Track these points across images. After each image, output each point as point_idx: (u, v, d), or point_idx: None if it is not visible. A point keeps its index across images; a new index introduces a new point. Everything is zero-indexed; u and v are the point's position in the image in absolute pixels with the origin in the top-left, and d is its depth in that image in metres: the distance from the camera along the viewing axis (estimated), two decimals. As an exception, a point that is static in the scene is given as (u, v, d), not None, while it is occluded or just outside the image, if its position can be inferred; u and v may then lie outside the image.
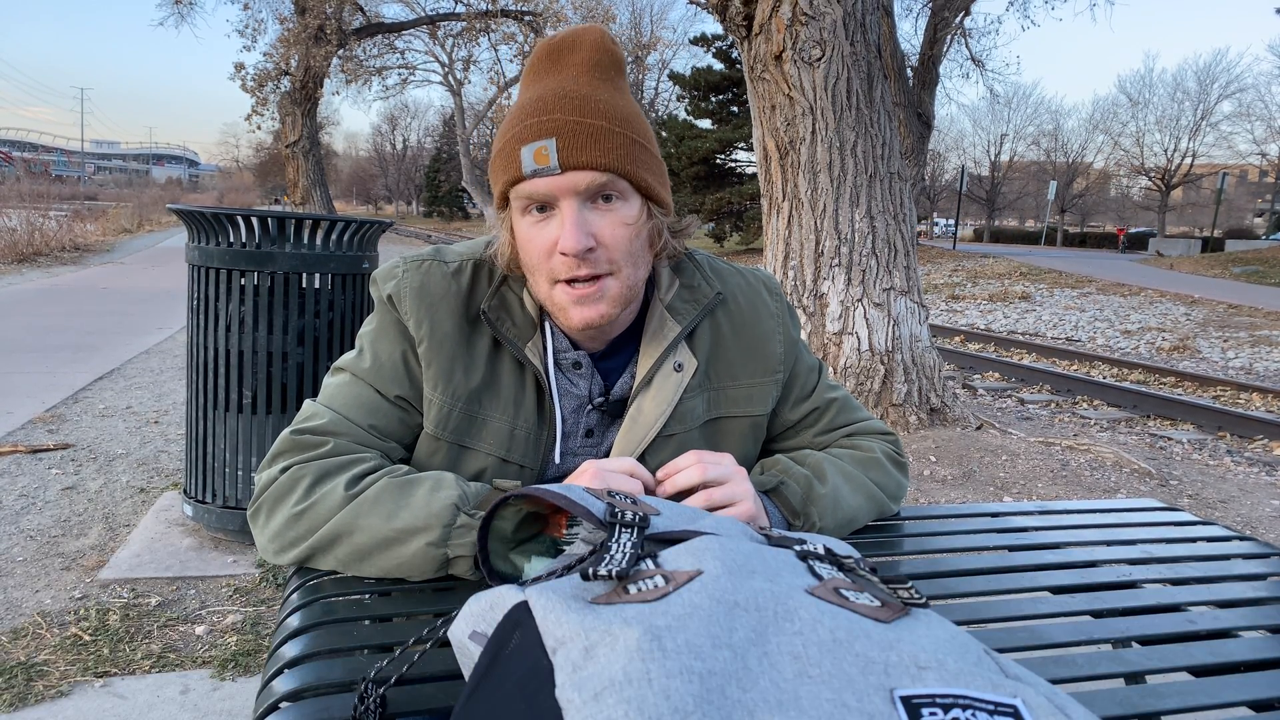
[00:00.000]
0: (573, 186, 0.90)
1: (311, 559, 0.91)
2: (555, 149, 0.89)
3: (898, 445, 1.18)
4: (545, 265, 0.93)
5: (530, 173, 0.90)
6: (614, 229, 0.92)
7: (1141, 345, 10.56)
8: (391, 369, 1.00)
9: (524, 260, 0.96)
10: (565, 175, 0.90)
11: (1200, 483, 4.51)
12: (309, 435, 0.96)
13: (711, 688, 0.44)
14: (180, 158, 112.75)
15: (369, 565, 0.89)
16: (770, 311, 1.13)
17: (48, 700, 2.03)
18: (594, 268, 0.92)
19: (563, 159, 0.89)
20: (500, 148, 0.94)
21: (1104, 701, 0.75)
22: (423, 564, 0.87)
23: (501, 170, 0.94)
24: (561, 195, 0.91)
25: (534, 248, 0.93)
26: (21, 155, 66.54)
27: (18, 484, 3.48)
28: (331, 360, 2.85)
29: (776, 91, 4.94)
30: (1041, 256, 26.19)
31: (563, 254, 0.91)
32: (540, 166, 0.89)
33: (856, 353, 4.90)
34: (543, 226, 0.93)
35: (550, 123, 0.90)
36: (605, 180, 0.91)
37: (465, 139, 38.28)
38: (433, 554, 0.86)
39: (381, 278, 1.03)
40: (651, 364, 1.03)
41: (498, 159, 0.94)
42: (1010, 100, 55.59)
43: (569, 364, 1.03)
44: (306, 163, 23.29)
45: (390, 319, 1.01)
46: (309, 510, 0.90)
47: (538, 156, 0.89)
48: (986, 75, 34.46)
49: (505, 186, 0.94)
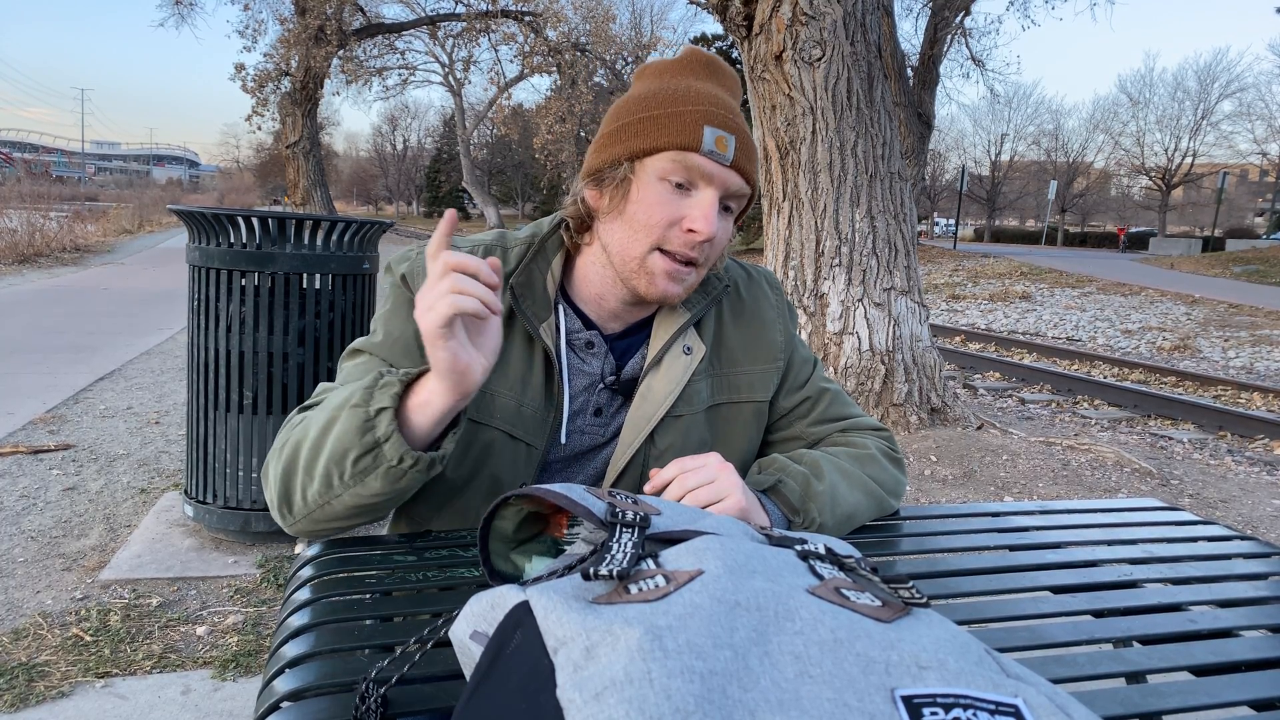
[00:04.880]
0: (727, 184, 0.99)
1: (289, 487, 0.92)
2: (734, 145, 0.99)
3: (892, 442, 1.20)
4: (660, 232, 0.99)
5: (708, 151, 0.97)
6: (724, 234, 1.03)
7: (1142, 345, 10.56)
8: (403, 344, 1.02)
9: (637, 216, 0.99)
10: (729, 171, 0.99)
11: (1201, 482, 4.51)
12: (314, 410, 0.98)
13: (713, 687, 0.44)
14: (181, 158, 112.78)
15: (320, 461, 0.88)
16: (771, 303, 1.18)
17: (49, 701, 2.03)
18: (699, 255, 1.00)
19: (737, 158, 0.99)
20: (672, 113, 0.98)
21: (1105, 701, 0.75)
22: (352, 429, 0.85)
23: (671, 133, 0.98)
24: (715, 184, 0.98)
25: (661, 212, 0.98)
26: (22, 156, 66.58)
27: (19, 484, 3.49)
28: (332, 360, 2.86)
29: (777, 91, 4.94)
30: (1042, 256, 26.19)
31: (691, 231, 0.98)
32: (718, 152, 0.97)
33: (857, 352, 4.89)
34: (676, 198, 0.99)
35: (734, 121, 1.00)
36: (746, 193, 1.02)
37: (465, 139, 38.30)
38: (358, 414, 0.85)
39: (395, 261, 1.07)
40: (662, 345, 1.07)
41: (667, 120, 0.98)
42: (1010, 100, 55.65)
43: (581, 344, 1.06)
44: (307, 163, 23.30)
45: (404, 298, 1.04)
46: (284, 445, 0.93)
47: (719, 143, 0.97)
48: (987, 75, 34.58)
49: (668, 147, 0.97)
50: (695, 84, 1.01)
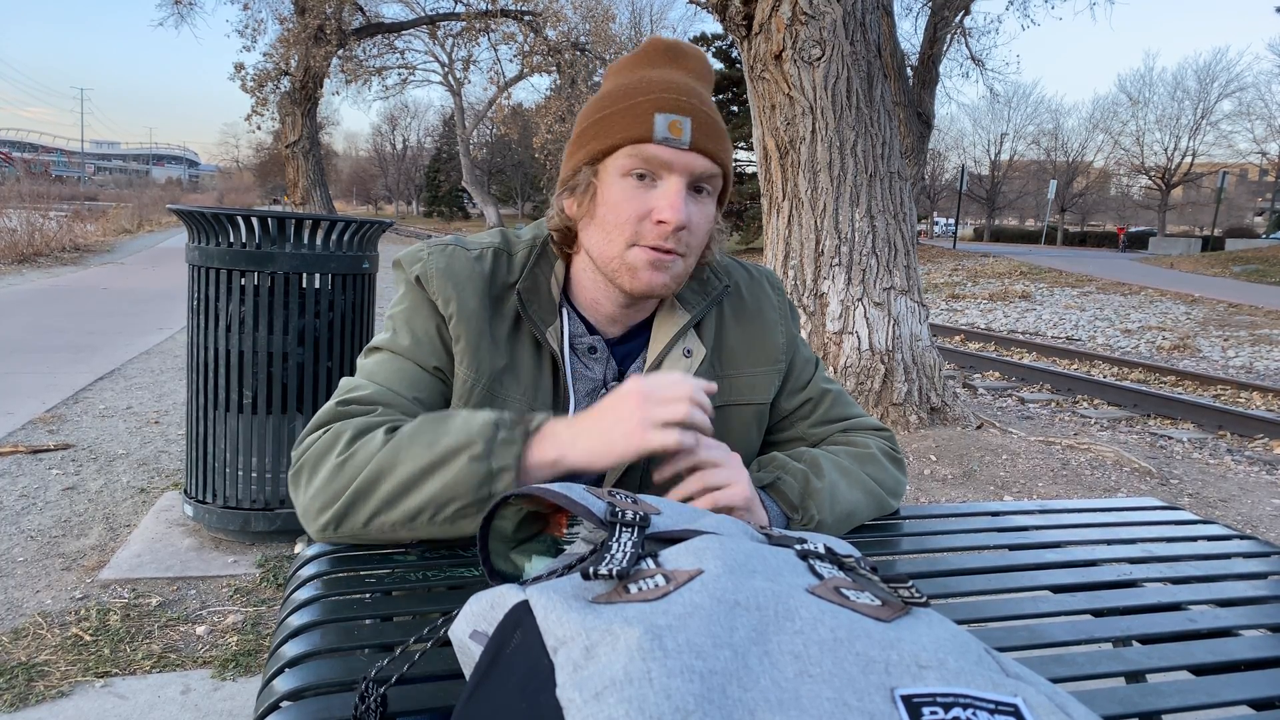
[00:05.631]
0: (690, 167, 0.97)
1: (353, 507, 0.89)
2: (690, 127, 0.96)
3: (893, 442, 1.19)
4: (632, 228, 0.97)
5: (661, 139, 0.95)
6: (701, 219, 1.00)
7: (1142, 344, 10.56)
8: (429, 342, 1.02)
9: (607, 217, 0.98)
10: (690, 154, 0.96)
11: (1200, 482, 4.51)
12: (355, 405, 0.97)
13: (712, 687, 0.44)
14: (180, 158, 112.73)
15: (412, 498, 0.88)
16: (773, 304, 1.17)
17: (48, 700, 2.03)
18: (676, 244, 0.98)
19: (695, 139, 0.96)
20: (625, 108, 0.97)
21: (1104, 700, 0.75)
22: (467, 481, 0.86)
23: (623, 128, 0.97)
24: (677, 170, 0.96)
25: (628, 208, 0.97)
26: (21, 155, 66.54)
27: (18, 484, 3.48)
28: (331, 360, 2.86)
29: (776, 91, 4.94)
30: (1041, 255, 26.19)
31: (661, 222, 0.96)
32: (673, 137, 0.95)
33: (857, 352, 4.90)
34: (640, 192, 0.97)
35: (688, 103, 0.97)
36: (715, 173, 0.99)
37: (465, 139, 38.29)
38: (478, 469, 0.86)
39: (407, 261, 1.06)
40: (661, 348, 1.07)
41: (618, 116, 0.97)
42: (1010, 99, 55.55)
43: (584, 348, 1.06)
44: (306, 163, 23.29)
45: (420, 297, 1.03)
46: (351, 458, 0.90)
47: (672, 128, 0.95)
48: (986, 74, 34.51)
49: (622, 142, 0.97)
50: (650, 74, 1.00)
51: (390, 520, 0.89)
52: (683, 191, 0.96)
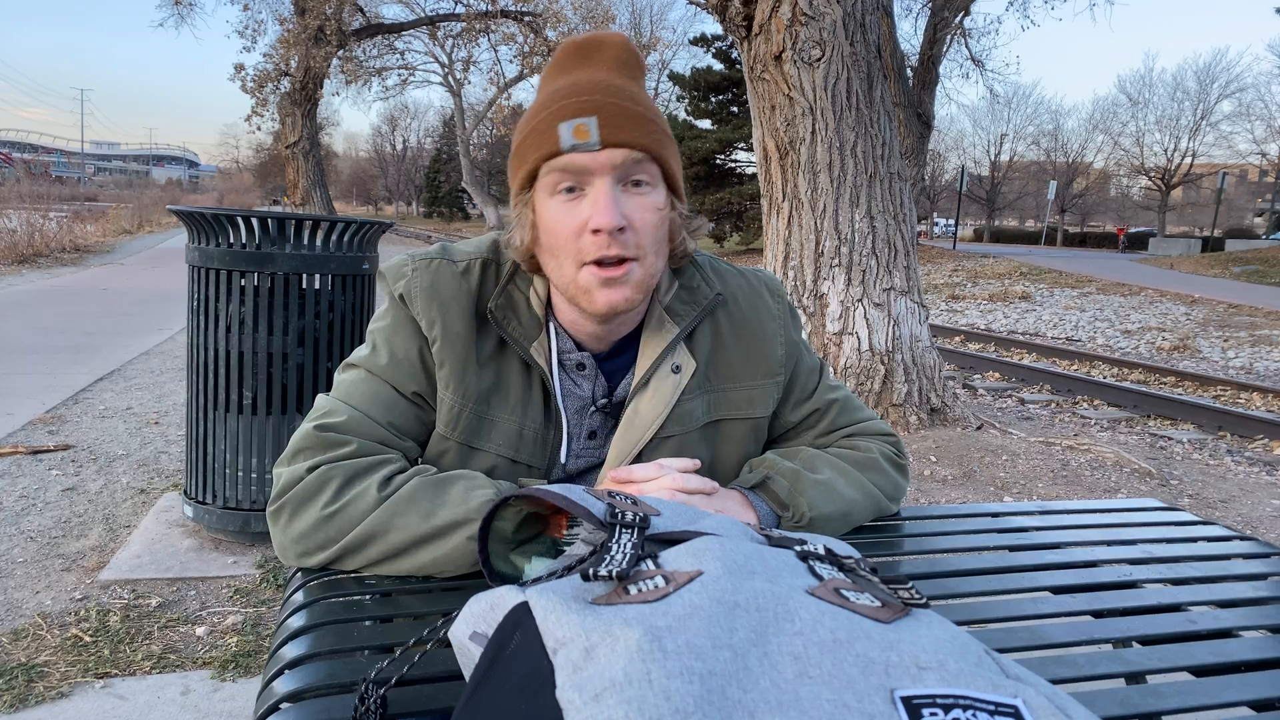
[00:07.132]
0: (610, 163, 0.91)
1: (340, 560, 0.90)
2: (596, 126, 0.90)
3: (899, 446, 1.18)
4: (574, 246, 0.93)
5: (569, 148, 0.90)
6: (643, 213, 0.93)
7: (1142, 345, 10.56)
8: (408, 366, 1.00)
9: (549, 243, 0.94)
10: (605, 152, 0.91)
11: (1201, 482, 4.51)
12: (331, 433, 0.95)
13: (712, 688, 0.44)
14: (180, 159, 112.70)
15: (402, 563, 0.89)
16: (772, 314, 1.12)
17: (48, 701, 2.03)
18: (623, 249, 0.92)
19: (604, 135, 0.90)
20: (532, 128, 0.94)
21: (1104, 701, 0.75)
22: (462, 558, 0.88)
23: (533, 148, 0.93)
24: (598, 172, 0.91)
25: (562, 228, 0.93)
26: (21, 156, 66.51)
27: (18, 485, 3.48)
28: (331, 360, 2.85)
29: (776, 91, 4.94)
30: (1041, 256, 26.19)
31: (595, 231, 0.91)
32: (580, 142, 0.90)
33: (856, 353, 4.90)
34: (572, 206, 0.92)
35: (590, 103, 0.91)
36: (641, 160, 0.92)
37: (465, 139, 38.30)
38: (473, 548, 0.86)
39: (391, 275, 1.02)
40: (649, 366, 1.02)
41: (528, 139, 0.94)
42: (1010, 100, 55.57)
43: (573, 365, 1.03)
44: (306, 163, 23.28)
45: (403, 315, 1.00)
46: (340, 512, 0.89)
47: (578, 132, 0.90)
48: (986, 75, 34.52)
49: (536, 164, 0.93)
50: (557, 83, 0.95)
51: (387, 569, 0.91)
52: (609, 192, 0.91)
